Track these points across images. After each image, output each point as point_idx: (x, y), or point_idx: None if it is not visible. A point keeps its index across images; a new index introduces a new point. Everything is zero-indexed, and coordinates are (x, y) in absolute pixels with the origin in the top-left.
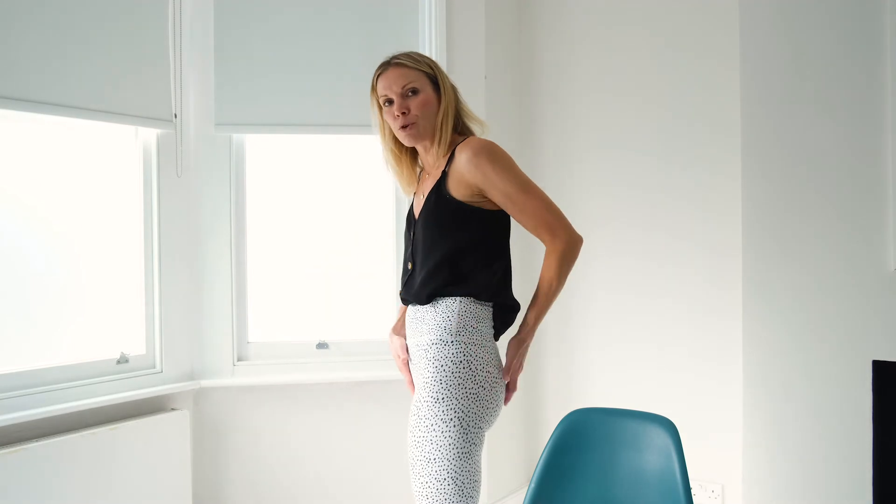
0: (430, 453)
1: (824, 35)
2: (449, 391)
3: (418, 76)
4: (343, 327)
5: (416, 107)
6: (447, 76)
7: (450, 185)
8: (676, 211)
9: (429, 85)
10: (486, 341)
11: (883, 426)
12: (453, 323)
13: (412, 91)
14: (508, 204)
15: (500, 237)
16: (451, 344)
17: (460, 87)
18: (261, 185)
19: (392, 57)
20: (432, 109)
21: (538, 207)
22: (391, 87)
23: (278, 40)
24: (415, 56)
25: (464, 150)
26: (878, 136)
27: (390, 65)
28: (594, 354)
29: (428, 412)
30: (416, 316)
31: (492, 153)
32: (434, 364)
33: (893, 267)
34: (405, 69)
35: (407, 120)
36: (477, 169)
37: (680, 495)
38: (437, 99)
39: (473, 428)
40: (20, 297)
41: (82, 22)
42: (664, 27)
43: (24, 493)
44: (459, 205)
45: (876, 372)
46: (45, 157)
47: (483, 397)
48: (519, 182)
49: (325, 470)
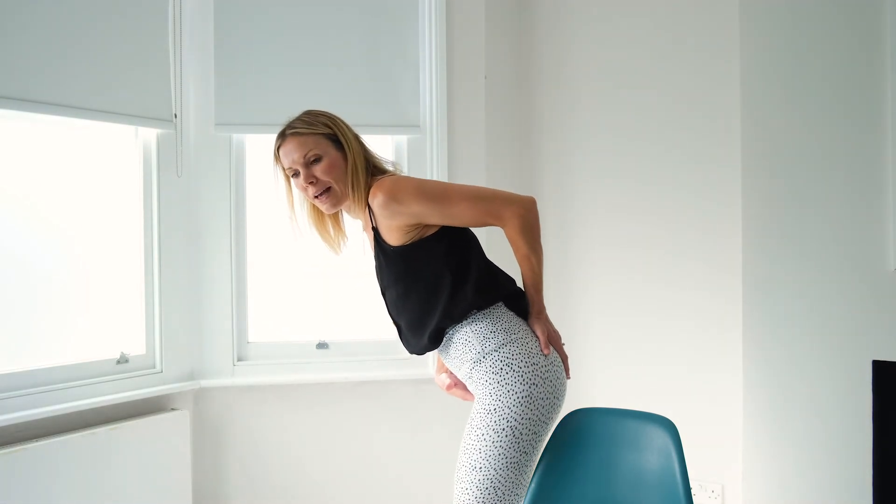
0: (477, 461)
1: (825, 31)
2: (500, 401)
3: (317, 141)
4: (343, 327)
5: (323, 173)
6: (348, 128)
7: (385, 238)
8: (677, 209)
9: (331, 146)
10: (514, 334)
11: (883, 426)
12: (473, 342)
13: (315, 159)
14: (443, 220)
15: (460, 247)
16: (484, 360)
17: (460, 87)
18: (261, 185)
19: (287, 126)
20: (340, 170)
21: (467, 208)
22: (292, 158)
23: (278, 40)
24: (308, 120)
25: (374, 202)
26: (879, 135)
27: (286, 136)
28: (594, 354)
29: (480, 422)
30: (442, 357)
31: (397, 191)
32: (479, 383)
33: (893, 267)
34: (301, 138)
35: (318, 189)
36: (396, 213)
37: (680, 495)
38: (342, 158)
39: (527, 435)
40: (20, 297)
41: (82, 22)
42: (664, 26)
43: (24, 493)
44: (405, 249)
45: (876, 372)
46: (45, 157)
47: (537, 396)
48: (437, 197)
49: (324, 470)
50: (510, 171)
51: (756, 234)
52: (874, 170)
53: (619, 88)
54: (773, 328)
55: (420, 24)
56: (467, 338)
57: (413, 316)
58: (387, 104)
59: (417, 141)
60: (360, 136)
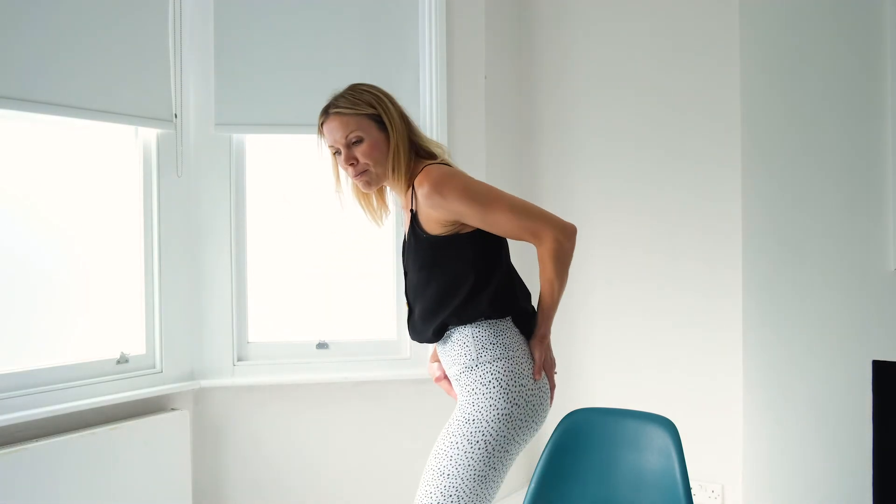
0: (447, 468)
1: (825, 32)
2: (480, 413)
3: (359, 122)
4: (343, 327)
5: (363, 155)
6: (393, 107)
7: (423, 224)
8: (677, 210)
9: (373, 127)
10: (512, 352)
11: (883, 426)
12: (471, 348)
13: (356, 140)
14: (482, 224)
15: (490, 253)
16: (475, 368)
17: (460, 87)
18: (261, 185)
19: (330, 103)
20: (381, 153)
21: (508, 220)
22: (334, 137)
23: (278, 40)
24: (354, 97)
25: (420, 191)
26: (878, 135)
27: (329, 114)
28: (594, 354)
29: (457, 430)
30: (439, 350)
31: (443, 185)
32: (466, 390)
33: (893, 267)
34: (344, 118)
35: (357, 170)
36: (437, 206)
37: (680, 495)
38: (384, 139)
39: (500, 452)
40: (20, 297)
41: (82, 22)
42: (664, 25)
43: (24, 493)
44: (438, 240)
45: (876, 372)
46: (45, 157)
47: (517, 416)
48: (481, 201)
49: (325, 470)
50: (510, 171)
51: (756, 235)
52: (874, 170)
53: (619, 88)
54: (773, 328)
55: (420, 24)
56: (466, 341)
57: (427, 305)
58: None
59: None
60: (408, 115)
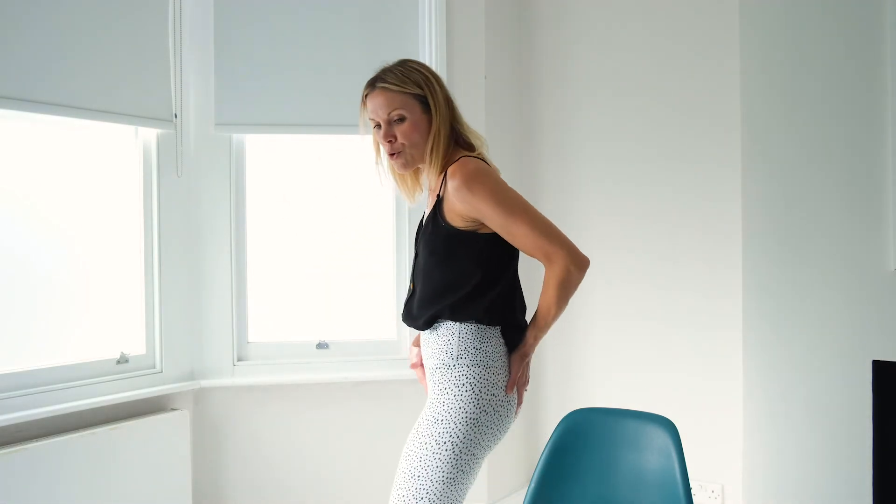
0: (416, 469)
1: (825, 32)
2: (449, 414)
3: (405, 101)
4: (343, 327)
5: (403, 135)
6: (441, 90)
7: (446, 213)
8: (677, 210)
9: (417, 107)
10: (492, 361)
11: (883, 426)
12: (454, 346)
13: (398, 118)
14: (501, 232)
15: (500, 259)
16: (452, 368)
17: (460, 87)
18: (261, 185)
19: (378, 76)
20: (421, 135)
21: (528, 233)
22: (377, 112)
23: (278, 40)
24: (403, 74)
25: (451, 180)
26: (878, 135)
27: (376, 87)
28: (594, 354)
29: (426, 430)
30: (423, 339)
31: (475, 181)
32: (438, 387)
33: (893, 267)
34: (390, 94)
35: (393, 148)
36: (464, 200)
37: (680, 495)
38: (426, 121)
39: (466, 455)
40: (20, 297)
41: (82, 22)
42: (664, 26)
43: (24, 493)
44: (456, 232)
45: (876, 372)
46: (45, 157)
47: (484, 422)
48: (506, 208)
49: (324, 470)
50: (510, 171)
51: (756, 235)
52: (874, 170)
53: (619, 88)
54: (773, 328)
55: (420, 24)
56: (451, 338)
57: (427, 292)
58: None
59: None
60: (453, 100)
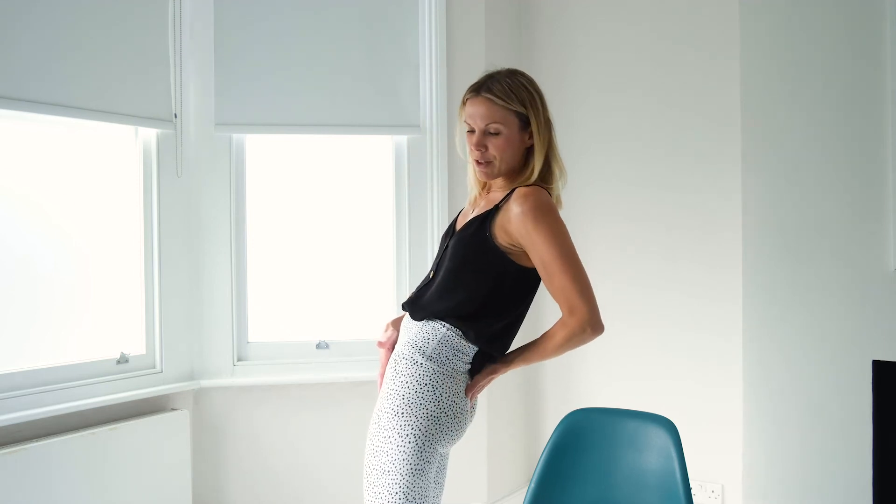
0: (385, 465)
1: (825, 31)
2: (409, 408)
3: (505, 116)
4: (343, 327)
5: (495, 148)
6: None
7: (495, 225)
8: (677, 210)
9: (516, 124)
10: (457, 373)
11: (883, 426)
12: (430, 346)
13: (495, 132)
14: (541, 269)
15: (517, 294)
16: (420, 366)
17: (460, 87)
18: (261, 184)
19: (484, 84)
20: (513, 151)
21: (566, 283)
22: (475, 119)
23: (278, 40)
24: (510, 88)
25: (518, 200)
26: (879, 135)
27: (480, 94)
28: (594, 354)
29: (388, 423)
30: (405, 324)
31: (542, 216)
32: (400, 379)
33: (893, 267)
34: (493, 106)
35: (483, 158)
36: (523, 227)
37: (680, 495)
38: (521, 140)
39: (429, 447)
40: (21, 297)
41: (82, 22)
42: (664, 25)
43: (24, 493)
44: (493, 247)
45: (876, 372)
46: (45, 157)
47: (444, 422)
48: (558, 253)
49: (324, 470)
50: None
51: (756, 235)
52: (874, 170)
53: (619, 88)
54: (773, 328)
55: (420, 24)
56: (431, 336)
57: (442, 290)
58: (387, 104)
59: (417, 141)
60: (552, 124)
